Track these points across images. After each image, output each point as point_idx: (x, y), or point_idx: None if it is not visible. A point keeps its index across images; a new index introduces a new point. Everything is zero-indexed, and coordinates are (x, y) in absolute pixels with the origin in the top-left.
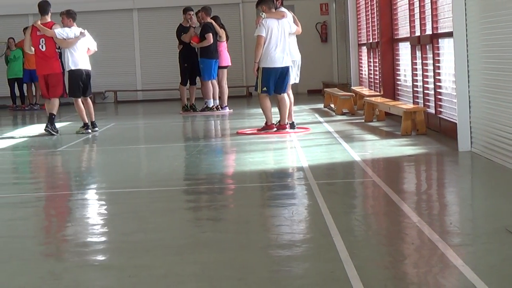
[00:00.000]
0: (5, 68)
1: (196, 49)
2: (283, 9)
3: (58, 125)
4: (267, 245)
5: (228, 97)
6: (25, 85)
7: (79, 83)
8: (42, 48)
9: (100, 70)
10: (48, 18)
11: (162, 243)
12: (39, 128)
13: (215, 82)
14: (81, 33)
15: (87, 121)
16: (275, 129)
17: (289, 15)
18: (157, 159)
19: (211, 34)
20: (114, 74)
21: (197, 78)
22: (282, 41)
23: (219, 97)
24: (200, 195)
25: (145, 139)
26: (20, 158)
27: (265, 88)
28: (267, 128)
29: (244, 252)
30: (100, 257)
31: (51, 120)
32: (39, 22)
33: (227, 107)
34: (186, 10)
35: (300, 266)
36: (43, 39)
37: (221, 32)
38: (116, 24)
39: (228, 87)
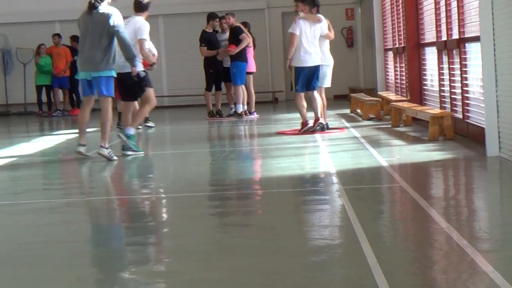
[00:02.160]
0: (32, 74)
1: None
2: (319, 15)
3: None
4: (295, 251)
5: (255, 102)
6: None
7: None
8: None
9: None
10: None
11: (189, 249)
12: (66, 135)
13: (243, 87)
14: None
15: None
16: (310, 125)
17: (325, 21)
18: (183, 165)
19: (245, 34)
20: None
21: (222, 83)
22: (312, 43)
23: (247, 103)
24: (227, 200)
25: (172, 145)
26: (48, 164)
27: (297, 87)
28: (303, 126)
29: (271, 258)
30: (127, 264)
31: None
32: None
33: (254, 113)
34: (211, 16)
35: (328, 272)
36: None
37: (250, 38)
38: None
39: (255, 93)
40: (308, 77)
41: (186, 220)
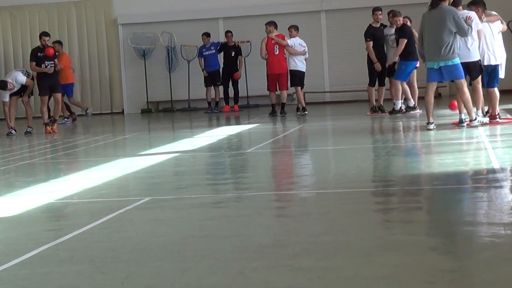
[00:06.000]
0: (197, 71)
1: (385, 50)
2: (494, 13)
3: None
4: (459, 249)
5: (418, 97)
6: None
7: (295, 78)
8: (276, 52)
9: None
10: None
11: (350, 245)
12: (223, 131)
13: (404, 84)
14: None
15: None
16: (497, 119)
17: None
18: (344, 161)
19: (405, 40)
20: None
21: (386, 79)
22: (491, 41)
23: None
24: (389, 197)
25: (333, 140)
26: (211, 160)
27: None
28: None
29: (434, 255)
30: (289, 258)
31: (282, 107)
32: (273, 35)
33: (417, 108)
34: (375, 10)
35: (491, 270)
36: (277, 45)
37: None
38: (304, 26)
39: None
40: (488, 75)
41: (347, 215)
